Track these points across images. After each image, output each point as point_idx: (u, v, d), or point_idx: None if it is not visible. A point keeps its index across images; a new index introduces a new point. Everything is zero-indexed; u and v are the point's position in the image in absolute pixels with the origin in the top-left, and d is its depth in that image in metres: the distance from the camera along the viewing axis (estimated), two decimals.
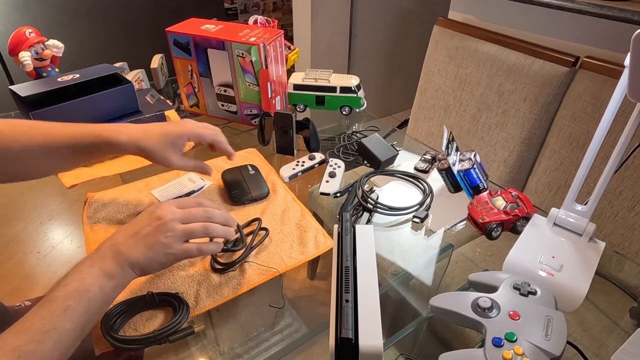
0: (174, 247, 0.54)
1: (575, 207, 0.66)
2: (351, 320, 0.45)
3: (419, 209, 0.76)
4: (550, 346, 0.46)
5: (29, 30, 0.99)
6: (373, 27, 2.40)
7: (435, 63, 1.38)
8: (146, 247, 0.53)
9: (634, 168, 0.96)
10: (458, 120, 1.35)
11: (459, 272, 0.73)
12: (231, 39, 0.91)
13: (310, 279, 0.70)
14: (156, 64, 1.17)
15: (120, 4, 2.15)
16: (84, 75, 0.88)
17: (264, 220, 0.72)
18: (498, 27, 1.34)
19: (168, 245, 0.53)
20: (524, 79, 1.15)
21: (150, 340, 0.52)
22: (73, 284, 0.47)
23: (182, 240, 0.55)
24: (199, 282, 0.61)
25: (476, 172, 0.77)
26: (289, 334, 0.58)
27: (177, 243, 0.54)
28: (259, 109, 0.99)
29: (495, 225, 0.69)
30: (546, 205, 1.14)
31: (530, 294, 0.54)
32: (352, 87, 1.03)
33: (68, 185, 0.81)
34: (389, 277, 0.69)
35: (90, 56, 2.09)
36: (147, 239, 0.53)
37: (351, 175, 0.87)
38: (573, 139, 1.07)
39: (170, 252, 0.54)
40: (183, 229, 0.55)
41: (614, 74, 0.99)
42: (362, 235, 0.59)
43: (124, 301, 0.56)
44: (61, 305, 0.45)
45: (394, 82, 2.73)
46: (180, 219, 0.55)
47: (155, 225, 0.54)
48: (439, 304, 0.54)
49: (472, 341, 0.76)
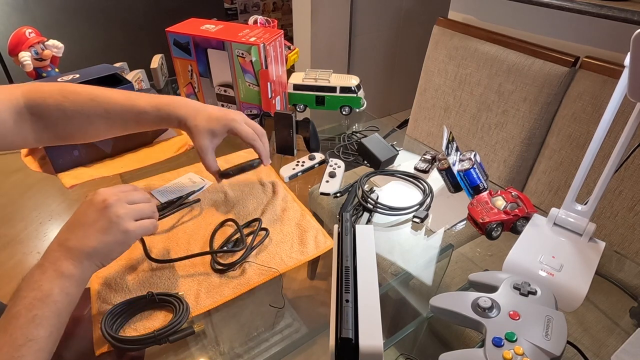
0: (129, 224, 0.53)
1: (575, 207, 0.66)
2: (351, 320, 0.45)
3: (419, 209, 0.76)
4: (550, 346, 0.46)
5: (29, 30, 0.99)
6: (373, 27, 2.40)
7: (435, 63, 1.38)
8: (100, 233, 0.51)
9: (634, 168, 0.96)
10: (458, 120, 1.35)
11: (459, 272, 0.73)
12: (231, 39, 0.91)
13: (310, 279, 0.70)
14: (156, 64, 1.17)
15: (120, 4, 2.15)
16: (84, 76, 0.88)
17: (264, 220, 0.72)
18: (498, 27, 1.34)
19: (122, 223, 0.52)
20: (524, 79, 1.15)
21: (151, 341, 0.52)
22: (30, 294, 0.46)
23: (133, 218, 0.54)
24: (199, 282, 0.61)
25: (476, 172, 0.77)
26: (289, 334, 0.58)
27: (130, 220, 0.53)
28: (259, 109, 0.99)
29: (495, 225, 0.69)
30: (546, 205, 1.14)
31: (531, 294, 0.54)
32: (352, 87, 1.03)
33: (68, 185, 0.81)
34: (389, 277, 0.69)
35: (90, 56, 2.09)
36: (98, 224, 0.51)
37: (351, 175, 0.87)
38: (573, 139, 1.08)
39: (126, 228, 0.52)
40: (132, 207, 0.54)
41: (614, 74, 0.99)
42: (362, 235, 0.59)
43: (124, 301, 0.56)
44: (27, 317, 0.44)
45: (394, 82, 2.73)
46: (125, 200, 0.54)
47: (101, 208, 0.52)
48: (439, 304, 0.54)
49: (472, 341, 0.76)
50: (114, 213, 0.52)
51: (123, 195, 0.55)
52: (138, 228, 0.54)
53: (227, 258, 0.65)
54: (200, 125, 0.68)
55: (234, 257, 0.65)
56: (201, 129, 0.68)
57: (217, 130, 0.69)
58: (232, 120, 0.70)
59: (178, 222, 0.73)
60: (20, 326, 0.43)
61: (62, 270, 0.48)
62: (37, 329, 0.44)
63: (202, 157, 0.70)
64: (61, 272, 0.48)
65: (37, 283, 0.47)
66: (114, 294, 0.59)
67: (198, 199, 0.78)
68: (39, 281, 0.47)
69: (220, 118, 0.69)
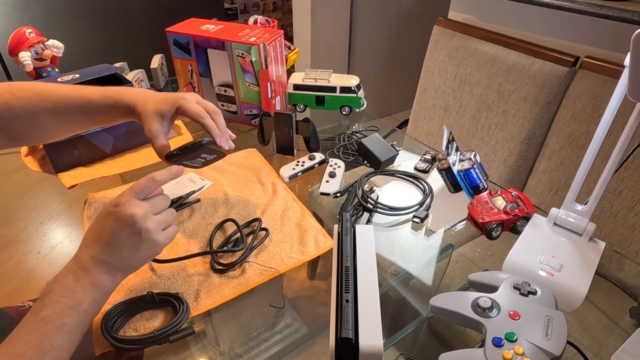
0: (158, 239, 0.53)
1: (575, 207, 0.66)
2: (351, 320, 0.45)
3: (419, 209, 0.76)
4: (550, 346, 0.46)
5: (29, 30, 0.99)
6: (373, 27, 2.40)
7: (435, 63, 1.38)
8: (132, 249, 0.51)
9: (634, 168, 0.96)
10: (458, 120, 1.35)
11: (459, 272, 0.73)
12: (231, 39, 0.91)
13: (310, 279, 0.70)
14: (156, 64, 1.17)
15: (120, 4, 2.15)
16: (84, 75, 0.88)
17: (264, 220, 0.72)
18: (498, 27, 1.34)
19: (153, 237, 0.52)
20: (524, 79, 1.15)
21: (150, 341, 0.52)
22: (62, 300, 0.45)
23: (161, 229, 0.54)
24: (199, 282, 0.61)
25: (476, 172, 0.77)
26: (289, 334, 0.58)
27: (159, 232, 0.53)
28: (259, 109, 0.99)
29: (495, 225, 0.69)
30: (546, 205, 1.14)
31: (530, 294, 0.54)
32: (352, 87, 1.03)
33: (68, 185, 0.81)
34: (389, 277, 0.69)
35: (90, 56, 2.09)
36: (129, 240, 0.51)
37: (351, 175, 0.87)
38: (573, 139, 1.08)
39: (157, 242, 0.53)
40: (159, 220, 0.54)
41: (614, 74, 0.99)
42: (362, 235, 0.59)
43: (124, 301, 0.56)
44: (55, 324, 0.44)
45: (394, 82, 2.73)
46: (152, 212, 0.53)
47: (130, 224, 0.51)
48: (439, 304, 0.54)
49: (472, 341, 0.76)
50: (144, 229, 0.51)
51: (148, 207, 0.53)
52: (166, 239, 0.54)
53: (227, 258, 0.65)
54: (149, 108, 0.64)
55: (234, 257, 0.65)
56: (150, 111, 0.64)
57: (166, 111, 0.64)
58: (181, 98, 0.65)
59: (178, 222, 0.73)
60: (47, 332, 0.43)
61: (96, 281, 0.48)
62: (62, 337, 0.44)
63: (152, 142, 0.64)
64: (95, 283, 0.48)
65: (70, 290, 0.46)
66: (114, 294, 0.58)
67: (198, 199, 0.78)
68: (73, 288, 0.46)
69: (168, 98, 0.65)
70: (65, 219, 0.79)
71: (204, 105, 0.67)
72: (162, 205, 0.56)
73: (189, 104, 0.65)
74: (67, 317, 0.45)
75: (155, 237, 0.52)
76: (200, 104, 0.67)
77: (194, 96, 0.67)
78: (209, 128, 0.65)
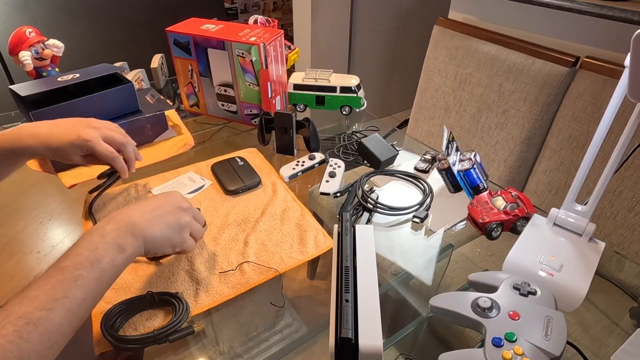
0: (186, 235, 0.58)
1: (575, 207, 0.66)
2: (351, 320, 0.45)
3: (419, 209, 0.76)
4: (550, 346, 0.46)
5: (29, 30, 0.99)
6: (373, 27, 2.40)
7: (435, 63, 1.38)
8: (165, 225, 0.55)
9: (634, 168, 0.96)
10: (458, 120, 1.35)
11: (459, 272, 0.73)
12: (231, 38, 0.91)
13: (310, 279, 0.70)
14: (156, 63, 1.17)
15: (120, 3, 2.15)
16: (84, 75, 0.88)
17: (264, 220, 0.72)
18: (498, 27, 1.34)
19: (185, 229, 0.57)
20: (524, 79, 1.15)
21: (150, 340, 0.52)
22: (84, 253, 0.47)
23: (189, 231, 0.59)
24: (199, 282, 0.61)
25: (476, 172, 0.77)
26: (289, 334, 0.58)
27: (188, 231, 0.59)
28: (259, 108, 0.99)
29: (495, 225, 0.69)
30: (546, 205, 1.14)
31: (530, 294, 0.54)
32: (352, 87, 1.03)
33: (68, 185, 0.81)
34: (389, 277, 0.69)
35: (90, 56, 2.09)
36: (168, 217, 0.56)
37: (351, 175, 0.87)
38: (573, 139, 1.07)
39: (185, 236, 0.57)
40: (195, 226, 0.60)
41: (614, 74, 0.99)
42: (362, 235, 0.59)
43: (123, 301, 0.56)
44: (72, 275, 0.45)
45: (394, 82, 2.73)
46: (194, 214, 0.61)
47: (176, 206, 0.57)
48: (439, 304, 0.54)
49: (472, 341, 0.76)
50: (183, 217, 0.58)
51: (193, 210, 0.61)
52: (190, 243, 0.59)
53: (227, 258, 0.65)
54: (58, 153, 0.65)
55: (234, 257, 0.65)
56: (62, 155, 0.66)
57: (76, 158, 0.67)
58: (85, 142, 0.65)
59: None
60: (62, 280, 0.44)
61: (119, 242, 0.50)
62: (76, 289, 0.44)
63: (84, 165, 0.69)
64: (118, 243, 0.50)
65: (93, 244, 0.48)
66: (114, 294, 0.59)
67: None
68: (97, 244, 0.48)
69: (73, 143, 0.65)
70: (65, 218, 0.79)
71: (111, 139, 0.68)
72: (201, 220, 0.63)
73: (97, 147, 0.66)
74: (84, 270, 0.46)
75: (186, 231, 0.58)
76: (107, 138, 0.68)
77: (98, 131, 0.68)
78: (120, 171, 0.70)
